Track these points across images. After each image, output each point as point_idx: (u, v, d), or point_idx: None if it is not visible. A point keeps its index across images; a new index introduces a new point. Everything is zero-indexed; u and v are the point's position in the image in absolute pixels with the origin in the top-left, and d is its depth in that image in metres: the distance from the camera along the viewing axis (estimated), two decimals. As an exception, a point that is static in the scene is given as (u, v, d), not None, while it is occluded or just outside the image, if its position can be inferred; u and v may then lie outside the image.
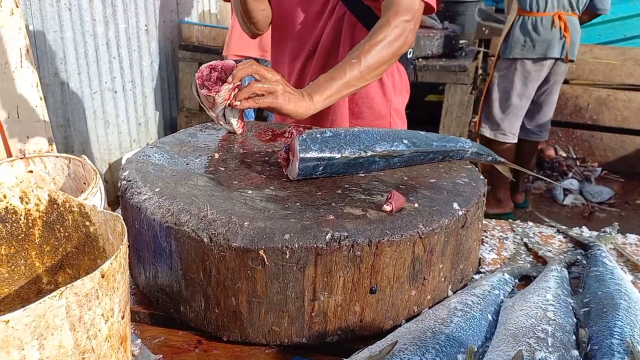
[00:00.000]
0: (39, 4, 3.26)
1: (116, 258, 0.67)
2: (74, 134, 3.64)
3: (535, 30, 3.40)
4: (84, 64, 3.61)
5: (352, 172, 1.12)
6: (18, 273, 0.91)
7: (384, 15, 1.32)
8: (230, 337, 0.94)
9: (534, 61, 3.47)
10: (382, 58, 1.28)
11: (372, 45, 1.27)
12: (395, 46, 1.29)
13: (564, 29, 3.39)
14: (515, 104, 3.59)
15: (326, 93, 1.24)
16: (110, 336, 0.69)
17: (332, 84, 1.24)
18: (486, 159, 1.30)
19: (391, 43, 1.28)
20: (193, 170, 1.12)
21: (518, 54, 3.47)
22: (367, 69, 1.27)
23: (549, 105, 3.76)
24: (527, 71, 3.50)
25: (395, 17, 1.29)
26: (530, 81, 3.53)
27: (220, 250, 0.87)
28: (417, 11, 1.33)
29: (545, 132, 3.89)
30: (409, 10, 1.30)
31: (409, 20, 1.30)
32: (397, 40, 1.29)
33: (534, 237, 1.32)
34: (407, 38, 1.31)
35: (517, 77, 3.53)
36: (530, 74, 3.51)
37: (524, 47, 3.44)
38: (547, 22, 3.39)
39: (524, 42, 3.43)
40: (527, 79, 3.52)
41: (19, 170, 1.32)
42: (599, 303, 0.96)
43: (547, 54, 3.43)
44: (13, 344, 0.57)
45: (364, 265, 0.89)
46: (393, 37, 1.28)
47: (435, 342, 0.83)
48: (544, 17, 3.40)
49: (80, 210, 0.86)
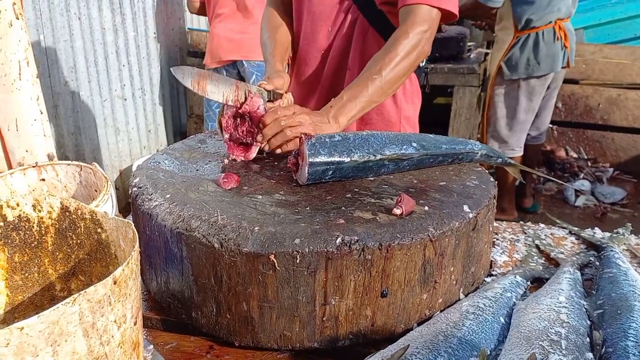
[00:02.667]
0: (49, 13, 3.30)
1: (128, 264, 0.68)
2: (84, 142, 3.67)
3: (537, 47, 3.25)
4: (94, 72, 3.65)
5: (361, 176, 1.11)
6: (31, 280, 0.92)
7: (402, 25, 1.33)
8: (242, 342, 0.94)
9: (539, 77, 3.35)
10: (401, 71, 1.30)
11: (391, 59, 1.28)
12: (413, 58, 1.31)
13: (565, 38, 3.27)
14: (521, 120, 3.48)
15: (351, 114, 1.26)
16: (123, 342, 0.69)
17: (356, 103, 1.26)
18: (496, 160, 1.29)
19: (409, 55, 1.29)
20: (203, 176, 1.12)
21: (523, 74, 3.31)
22: (387, 83, 1.28)
23: (548, 110, 3.70)
24: (532, 87, 3.38)
25: (413, 28, 1.30)
26: (535, 95, 3.42)
27: (231, 256, 0.88)
28: (434, 20, 1.34)
29: (544, 135, 3.84)
30: (427, 20, 1.32)
31: (425, 31, 1.31)
32: (414, 51, 1.30)
33: (545, 239, 1.31)
34: (423, 48, 1.32)
35: (522, 94, 3.40)
36: (535, 89, 3.40)
37: (528, 66, 3.28)
38: (549, 35, 3.24)
39: (527, 61, 3.27)
40: (532, 94, 3.41)
41: (31, 179, 1.33)
42: (612, 305, 0.95)
43: (553, 69, 3.31)
44: (28, 351, 0.58)
45: (375, 269, 0.89)
46: (410, 49, 1.29)
47: (447, 346, 0.83)
48: (545, 30, 3.23)
49: (92, 218, 0.86)
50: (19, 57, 1.38)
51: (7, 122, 1.40)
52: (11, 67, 1.37)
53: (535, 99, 3.45)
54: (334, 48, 1.53)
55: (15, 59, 1.37)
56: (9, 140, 1.41)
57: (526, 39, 3.26)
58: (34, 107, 1.43)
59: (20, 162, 1.42)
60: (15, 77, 1.38)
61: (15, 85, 1.38)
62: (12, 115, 1.40)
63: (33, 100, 1.42)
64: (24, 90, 1.40)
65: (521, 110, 3.45)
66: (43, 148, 1.45)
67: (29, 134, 1.42)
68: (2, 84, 1.36)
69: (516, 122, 3.48)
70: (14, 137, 1.42)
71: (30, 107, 1.42)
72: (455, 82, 3.73)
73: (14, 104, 1.39)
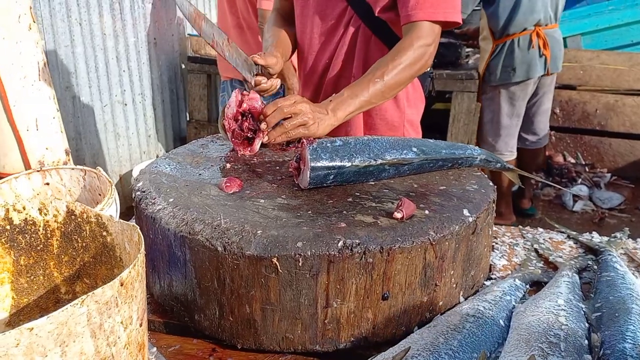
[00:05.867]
0: (50, 19, 3.32)
1: (134, 267, 0.69)
2: (85, 147, 3.68)
3: (512, 54, 3.32)
4: (95, 78, 3.66)
5: (362, 180, 1.13)
6: (37, 283, 0.93)
7: (406, 37, 1.37)
8: (245, 345, 0.95)
9: (517, 84, 3.41)
10: (402, 79, 1.35)
11: (394, 66, 1.32)
12: (415, 68, 1.36)
13: (543, 46, 3.31)
14: (505, 125, 3.55)
15: (349, 110, 1.29)
16: (129, 343, 0.71)
17: (355, 100, 1.29)
18: (495, 165, 1.31)
19: (412, 66, 1.34)
20: (205, 180, 1.13)
21: (500, 80, 3.40)
22: (387, 88, 1.33)
23: (543, 115, 3.73)
24: (512, 92, 3.45)
25: (418, 41, 1.35)
26: (517, 101, 3.49)
27: (234, 259, 0.89)
28: (437, 35, 1.39)
29: (544, 139, 3.87)
30: (430, 34, 1.37)
31: (429, 45, 1.37)
32: (417, 63, 1.35)
33: (544, 243, 1.33)
34: (426, 61, 1.37)
35: (503, 99, 3.49)
36: (516, 94, 3.46)
37: (504, 73, 3.36)
38: (524, 42, 3.30)
39: (504, 68, 3.35)
40: (513, 99, 3.48)
41: (36, 183, 1.34)
42: (610, 308, 0.96)
43: (529, 75, 3.36)
44: (37, 351, 0.59)
45: (376, 272, 0.90)
46: (413, 60, 1.34)
47: (447, 348, 0.84)
48: (521, 37, 3.30)
49: (98, 221, 0.88)
50: (38, 58, 1.42)
51: (26, 123, 1.44)
52: (31, 69, 1.42)
53: (518, 104, 3.51)
54: (337, 56, 1.56)
55: (34, 60, 1.41)
56: (28, 141, 1.44)
57: (502, 46, 3.35)
58: (51, 105, 1.47)
59: (41, 160, 1.45)
60: (35, 78, 1.42)
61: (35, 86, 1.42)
62: (32, 115, 1.44)
63: (51, 100, 1.46)
64: (43, 90, 1.43)
65: (504, 115, 3.53)
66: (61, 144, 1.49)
67: (48, 132, 1.46)
68: (22, 86, 1.40)
69: (500, 126, 3.56)
70: (33, 136, 1.45)
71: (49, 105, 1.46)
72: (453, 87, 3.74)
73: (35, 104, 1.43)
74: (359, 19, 1.50)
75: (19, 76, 1.42)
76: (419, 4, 1.35)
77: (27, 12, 1.41)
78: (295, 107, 1.20)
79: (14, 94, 1.43)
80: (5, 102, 1.42)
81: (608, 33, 5.13)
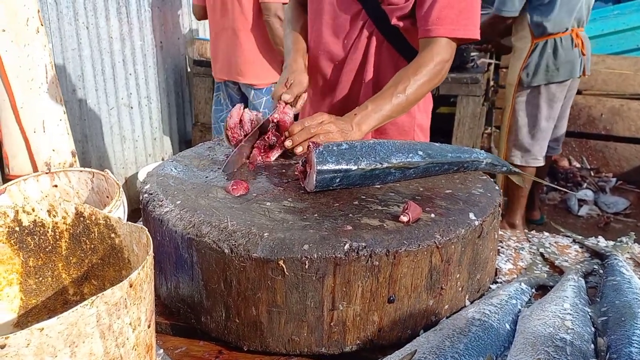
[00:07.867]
0: (57, 22, 3.35)
1: (143, 268, 0.70)
2: (91, 150, 3.71)
3: (556, 53, 3.28)
4: (101, 81, 3.69)
5: (368, 184, 1.13)
6: (45, 284, 0.94)
7: (426, 52, 1.40)
8: (251, 347, 0.96)
9: (559, 84, 3.36)
10: (422, 94, 1.41)
11: (415, 81, 1.36)
12: (433, 84, 1.41)
13: (582, 45, 3.30)
14: (543, 128, 3.47)
15: (372, 124, 1.34)
16: (138, 345, 0.71)
17: (378, 114, 1.34)
18: (501, 169, 1.31)
19: (431, 81, 1.39)
20: (212, 183, 1.14)
21: (542, 80, 3.33)
22: (408, 102, 1.38)
23: (564, 119, 3.68)
24: (552, 94, 3.39)
25: (437, 56, 1.39)
26: (555, 102, 3.42)
27: (240, 261, 0.89)
28: (454, 50, 1.43)
29: (560, 146, 3.84)
30: (448, 50, 1.41)
31: (447, 60, 1.41)
32: (436, 78, 1.41)
33: (550, 247, 1.33)
34: (443, 77, 1.43)
35: (543, 100, 3.41)
36: (555, 96, 3.40)
37: (547, 72, 3.31)
38: (567, 42, 3.27)
39: (546, 67, 3.30)
40: (553, 101, 3.41)
41: (44, 185, 1.35)
42: (617, 312, 0.96)
43: (571, 75, 3.33)
44: (47, 351, 0.60)
45: (382, 275, 0.90)
46: (433, 75, 1.39)
47: (453, 352, 0.84)
48: (563, 37, 3.27)
49: (106, 223, 0.88)
50: (45, 61, 1.43)
51: (33, 125, 1.46)
52: (38, 71, 1.44)
53: (556, 106, 3.45)
54: (349, 60, 1.57)
55: (42, 63, 1.43)
56: (34, 142, 1.46)
57: (544, 45, 3.28)
58: (58, 107, 1.48)
59: (47, 161, 1.47)
60: (42, 80, 1.44)
61: (42, 88, 1.44)
62: (39, 117, 1.45)
63: (58, 102, 1.47)
64: (50, 92, 1.45)
65: (542, 117, 3.44)
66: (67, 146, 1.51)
67: (55, 134, 1.48)
68: (29, 88, 1.42)
69: (538, 130, 3.46)
70: (40, 138, 1.47)
71: (56, 107, 1.48)
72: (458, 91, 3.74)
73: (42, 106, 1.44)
74: (373, 24, 1.51)
75: (26, 78, 1.44)
76: (440, 19, 1.36)
77: (35, 15, 1.43)
78: (322, 128, 1.24)
79: (21, 96, 1.44)
80: (12, 103, 1.44)
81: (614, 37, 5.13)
